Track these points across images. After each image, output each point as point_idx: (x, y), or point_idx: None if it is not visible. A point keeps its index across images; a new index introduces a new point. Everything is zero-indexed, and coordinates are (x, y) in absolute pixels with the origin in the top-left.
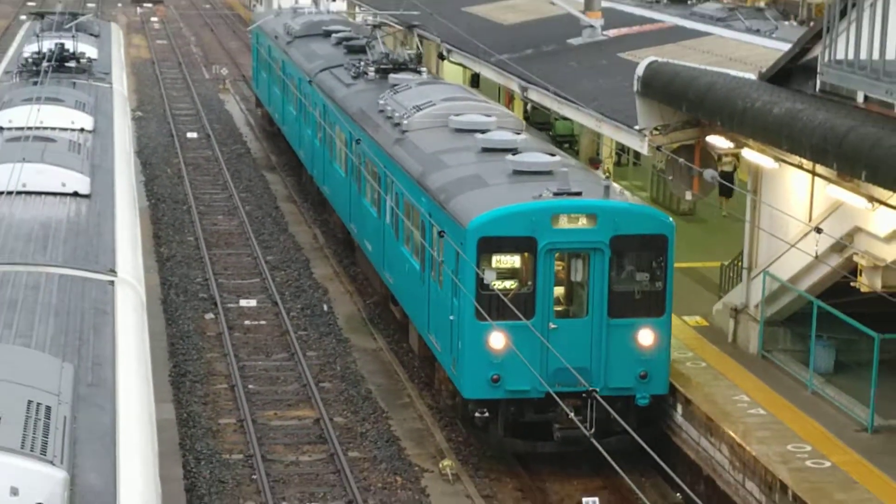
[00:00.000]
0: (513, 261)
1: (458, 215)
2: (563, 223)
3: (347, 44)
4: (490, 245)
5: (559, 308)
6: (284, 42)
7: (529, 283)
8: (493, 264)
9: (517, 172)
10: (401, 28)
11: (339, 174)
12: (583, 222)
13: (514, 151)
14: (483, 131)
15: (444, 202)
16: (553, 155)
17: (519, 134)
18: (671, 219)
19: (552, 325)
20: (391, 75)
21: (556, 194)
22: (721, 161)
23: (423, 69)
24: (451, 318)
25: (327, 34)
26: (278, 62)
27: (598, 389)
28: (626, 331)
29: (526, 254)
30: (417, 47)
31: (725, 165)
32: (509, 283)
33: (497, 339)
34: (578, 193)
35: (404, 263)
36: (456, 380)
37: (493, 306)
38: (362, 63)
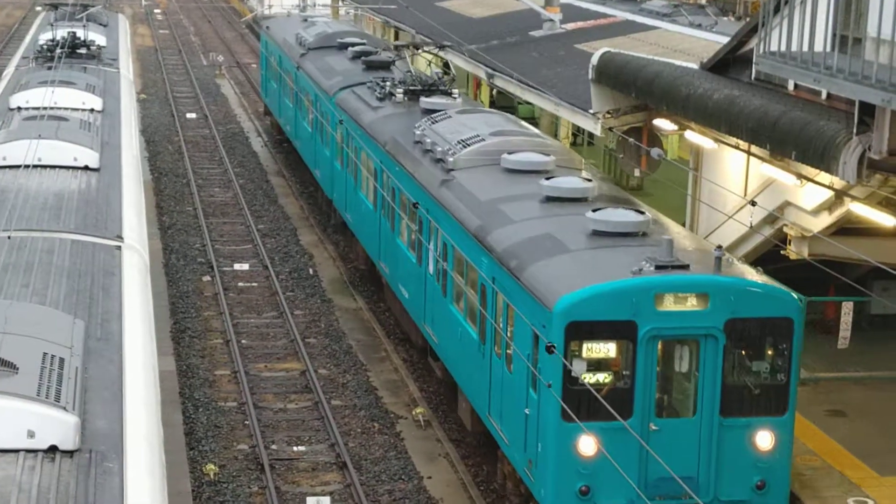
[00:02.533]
0: (608, 349)
1: (539, 291)
2: (669, 304)
3: (367, 59)
4: (581, 331)
5: (662, 406)
6: (297, 54)
7: (627, 375)
8: (584, 353)
9: (600, 234)
10: (432, 50)
11: (366, 206)
12: (692, 303)
13: (585, 201)
14: (542, 173)
15: (516, 271)
16: (639, 212)
17: (589, 180)
18: (797, 297)
19: (653, 427)
20: (423, 99)
21: (658, 267)
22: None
23: (456, 91)
24: (527, 411)
25: (342, 47)
26: (290, 74)
27: (707, 502)
28: (741, 432)
29: (624, 341)
30: (445, 66)
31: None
32: (603, 377)
33: (587, 444)
34: (686, 266)
35: (456, 327)
36: (534, 487)
37: (582, 404)
38: (388, 83)
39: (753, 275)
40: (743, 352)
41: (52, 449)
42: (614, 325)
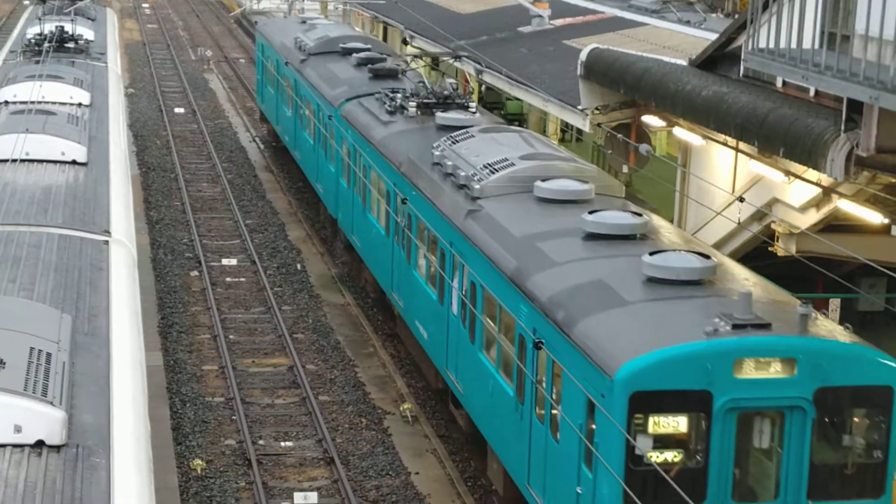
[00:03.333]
0: (678, 423)
1: (595, 353)
2: (749, 371)
3: (373, 67)
4: (647, 403)
5: (740, 488)
6: (297, 60)
7: (700, 453)
8: (650, 429)
9: (658, 281)
10: (445, 58)
11: (377, 230)
12: (776, 369)
13: (636, 239)
14: (581, 203)
15: (565, 325)
16: (703, 255)
17: (638, 214)
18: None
19: None
20: (438, 114)
21: (735, 326)
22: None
23: (473, 104)
24: (579, 490)
25: (346, 52)
26: (289, 81)
27: None
28: None
29: (697, 414)
30: (457, 75)
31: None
32: (672, 455)
33: None
34: (767, 325)
35: (486, 379)
36: None
37: (648, 486)
38: (399, 95)
39: (843, 334)
40: (834, 425)
41: (39, 444)
42: (686, 396)
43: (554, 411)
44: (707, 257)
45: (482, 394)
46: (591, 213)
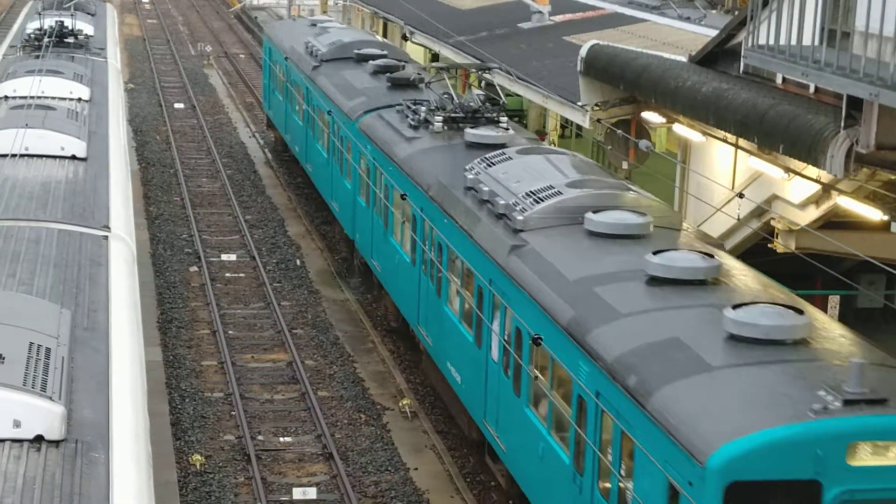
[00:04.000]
0: None
1: (679, 431)
2: (865, 457)
3: (393, 77)
4: (746, 495)
5: None
6: (309, 66)
7: None
8: None
9: (743, 340)
10: (472, 71)
11: (401, 256)
12: (894, 454)
13: (709, 285)
14: (639, 238)
15: (638, 394)
16: (796, 309)
17: (710, 256)
18: None
19: None
20: (468, 130)
21: (847, 402)
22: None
23: (504, 120)
24: None
25: (361, 59)
26: (300, 88)
27: None
28: None
29: None
30: (479, 83)
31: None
32: None
33: None
34: (884, 402)
35: (535, 440)
36: None
37: None
38: (423, 109)
39: None
40: None
41: (38, 439)
42: (792, 487)
43: (622, 486)
44: (800, 311)
45: (529, 455)
46: (655, 253)
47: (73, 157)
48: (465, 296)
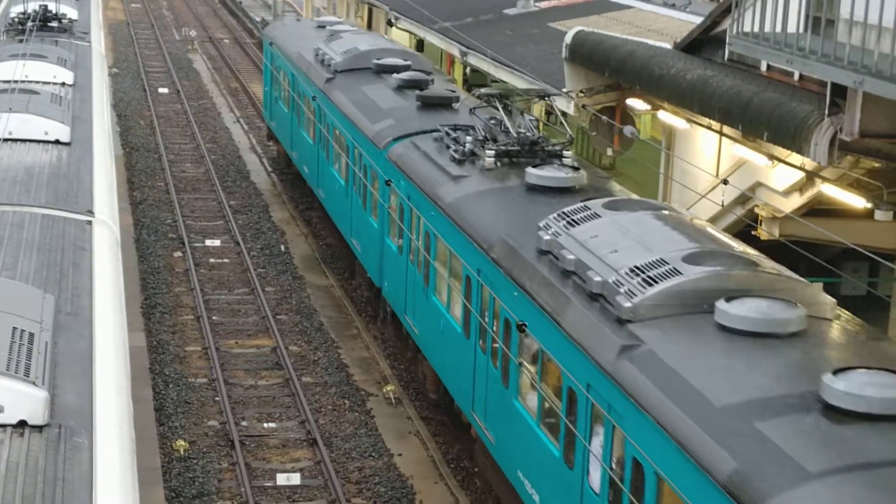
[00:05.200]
0: None
1: None
2: None
3: (422, 95)
4: None
5: None
6: (321, 78)
7: None
8: None
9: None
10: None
11: (450, 325)
12: None
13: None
14: (792, 338)
15: None
16: None
17: (892, 372)
18: None
19: None
20: (529, 170)
21: None
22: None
23: (569, 154)
24: None
25: (381, 71)
26: (309, 102)
27: None
28: None
29: None
30: (549, 112)
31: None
32: None
33: None
34: None
35: None
36: None
37: None
38: (469, 139)
39: None
40: None
41: (21, 424)
42: None
43: None
44: None
45: None
46: (835, 373)
47: (57, 142)
48: (546, 397)
